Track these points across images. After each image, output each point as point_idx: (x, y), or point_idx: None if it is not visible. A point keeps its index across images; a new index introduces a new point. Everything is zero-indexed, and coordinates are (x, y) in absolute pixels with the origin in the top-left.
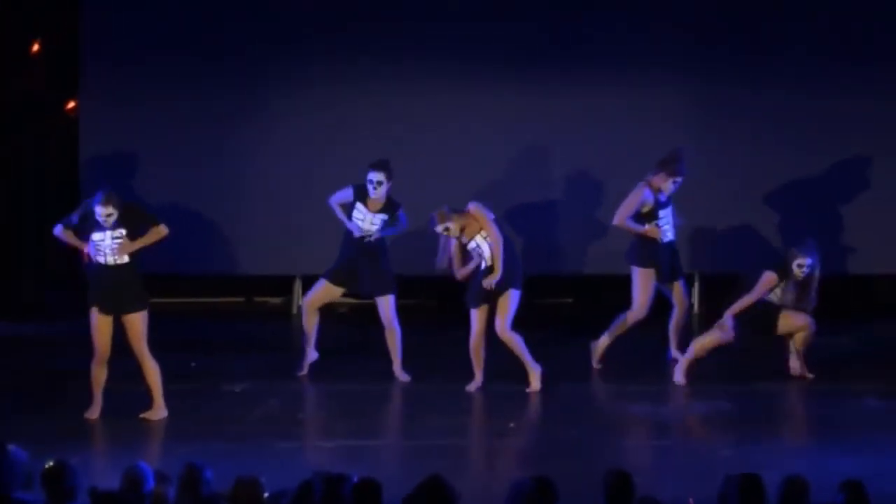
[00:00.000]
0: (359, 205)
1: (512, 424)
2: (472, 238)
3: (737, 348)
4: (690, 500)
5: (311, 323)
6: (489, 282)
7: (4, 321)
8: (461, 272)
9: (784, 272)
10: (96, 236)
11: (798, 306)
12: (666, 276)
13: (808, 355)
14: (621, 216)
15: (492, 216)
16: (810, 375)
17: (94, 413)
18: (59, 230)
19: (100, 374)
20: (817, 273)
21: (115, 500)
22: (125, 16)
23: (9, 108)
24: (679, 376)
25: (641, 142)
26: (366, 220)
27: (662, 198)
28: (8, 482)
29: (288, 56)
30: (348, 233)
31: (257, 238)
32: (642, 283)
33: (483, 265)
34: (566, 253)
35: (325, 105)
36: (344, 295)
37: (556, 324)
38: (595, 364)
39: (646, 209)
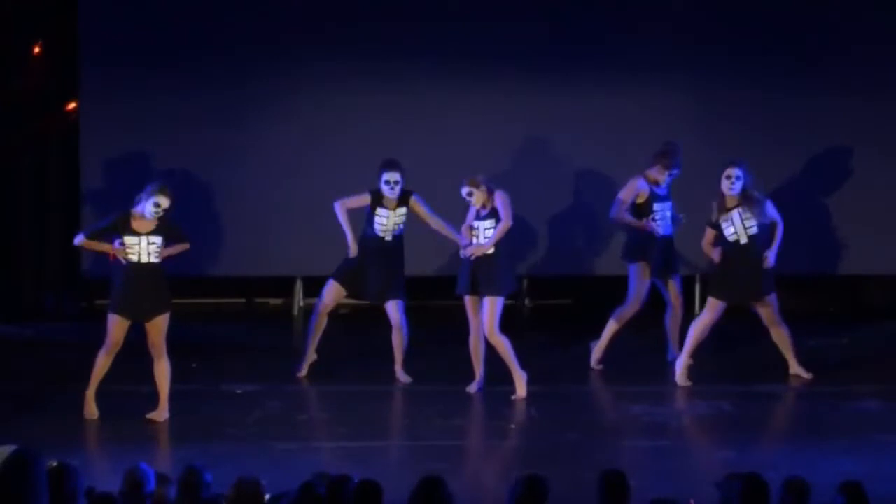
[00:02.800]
0: (379, 209)
1: (513, 425)
2: (482, 215)
3: (738, 349)
4: (691, 500)
5: (320, 326)
6: (468, 251)
7: (4, 322)
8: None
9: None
10: (129, 240)
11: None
12: (659, 270)
13: (800, 353)
14: (619, 209)
15: (511, 211)
16: (808, 376)
17: (90, 410)
18: (79, 240)
19: (104, 364)
20: (753, 192)
21: (112, 502)
22: (125, 16)
23: (9, 108)
24: (682, 378)
25: (643, 142)
26: (389, 221)
27: (661, 191)
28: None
29: (289, 56)
30: (364, 237)
31: (258, 239)
32: (636, 277)
33: (471, 247)
34: (567, 253)
35: (326, 105)
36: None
37: (556, 324)
38: (594, 364)
39: (640, 200)
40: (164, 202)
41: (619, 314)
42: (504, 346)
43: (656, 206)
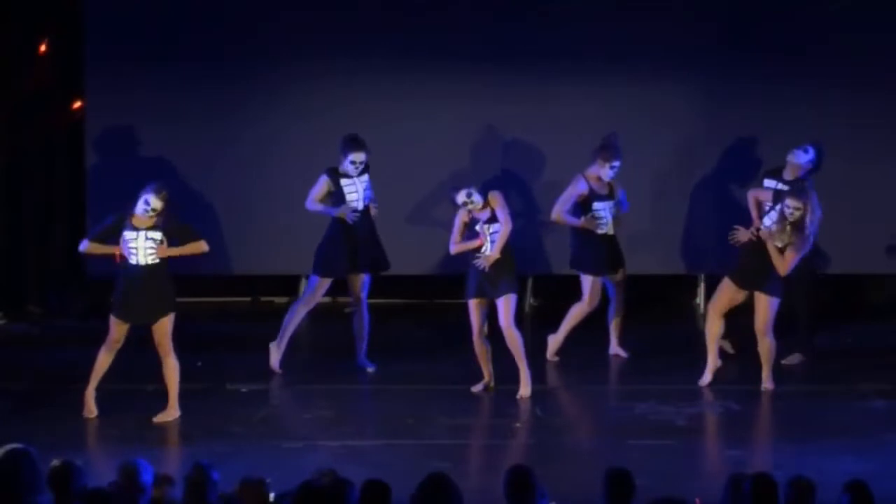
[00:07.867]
0: (344, 181)
1: (518, 424)
2: (483, 219)
3: (745, 348)
4: (697, 500)
5: (297, 318)
6: (482, 262)
7: (4, 321)
8: (457, 246)
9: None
10: (128, 235)
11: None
12: (605, 266)
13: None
14: (556, 210)
15: (507, 208)
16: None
17: (90, 410)
18: (84, 246)
19: (105, 361)
20: (804, 214)
21: (104, 498)
22: (131, 14)
23: (14, 107)
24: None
25: (645, 140)
26: (358, 189)
27: (601, 189)
28: (33, 486)
29: (292, 56)
30: (335, 222)
31: (263, 237)
32: (588, 282)
33: (485, 248)
34: (569, 253)
35: (330, 104)
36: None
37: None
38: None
39: (581, 199)
40: (155, 203)
41: (574, 313)
42: (518, 341)
43: (596, 206)
